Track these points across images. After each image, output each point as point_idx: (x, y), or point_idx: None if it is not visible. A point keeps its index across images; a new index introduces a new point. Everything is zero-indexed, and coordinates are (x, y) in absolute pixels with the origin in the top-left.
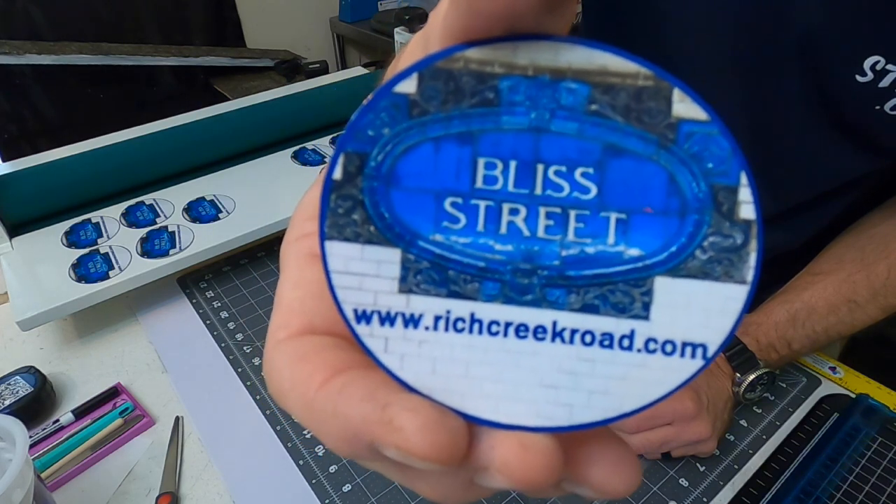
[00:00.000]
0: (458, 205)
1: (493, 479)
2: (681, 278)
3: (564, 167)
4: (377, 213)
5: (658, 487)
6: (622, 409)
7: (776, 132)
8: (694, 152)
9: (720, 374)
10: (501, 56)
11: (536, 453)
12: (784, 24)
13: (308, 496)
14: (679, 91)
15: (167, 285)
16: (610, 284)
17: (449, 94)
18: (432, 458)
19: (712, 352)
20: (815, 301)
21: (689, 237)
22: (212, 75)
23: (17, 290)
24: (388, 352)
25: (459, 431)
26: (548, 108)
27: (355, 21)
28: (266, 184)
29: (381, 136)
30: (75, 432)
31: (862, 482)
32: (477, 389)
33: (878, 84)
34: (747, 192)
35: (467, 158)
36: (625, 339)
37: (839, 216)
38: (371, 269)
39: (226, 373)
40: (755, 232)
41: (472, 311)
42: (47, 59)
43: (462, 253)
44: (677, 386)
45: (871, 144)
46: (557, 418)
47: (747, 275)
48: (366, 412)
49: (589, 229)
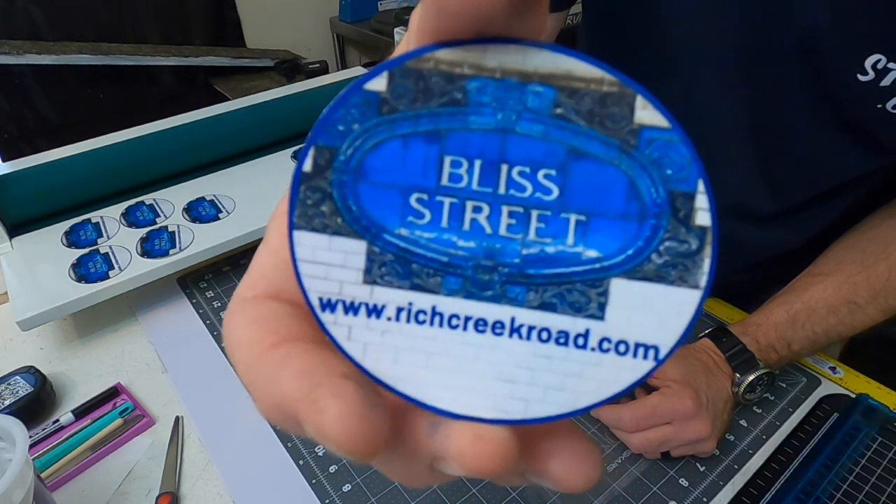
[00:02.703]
0: (423, 201)
1: (449, 468)
2: (636, 281)
3: (528, 168)
4: (345, 205)
5: (658, 487)
6: (576, 405)
7: (777, 130)
8: (654, 158)
9: (720, 373)
10: (470, 58)
11: (490, 444)
12: (786, 23)
13: (308, 496)
14: (642, 98)
15: (167, 285)
16: (568, 284)
17: (418, 92)
18: (344, 447)
19: (664, 353)
20: (815, 302)
21: (646, 241)
22: (212, 75)
23: (17, 290)
24: (352, 340)
25: (379, 429)
26: (514, 109)
27: (355, 21)
28: (266, 184)
29: (350, 131)
30: (75, 432)
31: (862, 482)
32: (436, 380)
33: (880, 83)
34: (704, 200)
35: (434, 156)
36: (580, 338)
37: (841, 216)
38: (337, 259)
39: (226, 373)
40: (710, 238)
41: (434, 305)
42: (47, 59)
43: (426, 247)
44: (629, 385)
45: (872, 143)
46: (513, 412)
47: (700, 280)
48: (298, 386)
49: (549, 229)
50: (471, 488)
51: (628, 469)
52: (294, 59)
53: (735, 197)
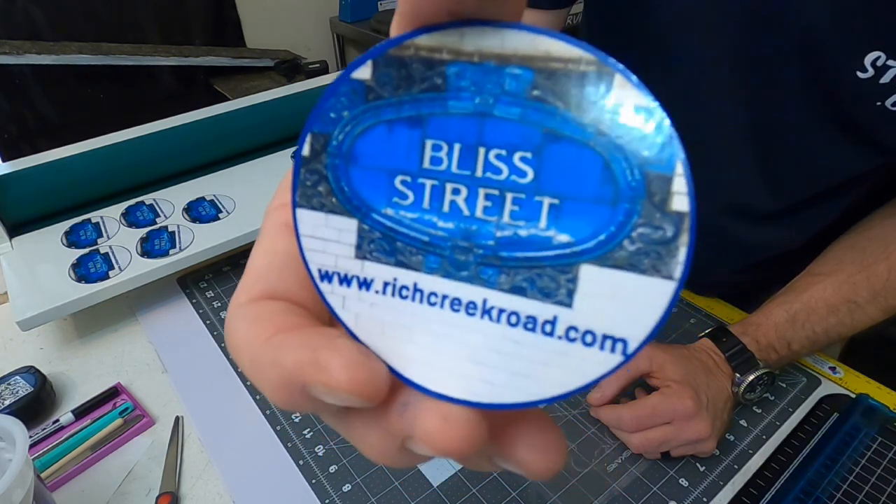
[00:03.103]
0: (407, 183)
1: (417, 447)
2: (607, 268)
3: (505, 151)
4: (338, 186)
5: (658, 487)
6: (541, 394)
7: (777, 129)
8: (631, 138)
9: (720, 373)
10: (449, 43)
11: (456, 426)
12: (785, 21)
13: (308, 496)
14: (621, 76)
15: (167, 285)
16: (538, 268)
17: (401, 80)
18: (353, 392)
19: (633, 348)
20: (815, 302)
21: (618, 226)
22: (212, 75)
23: (17, 290)
24: (345, 309)
25: (379, 373)
26: (492, 93)
27: (355, 21)
28: (266, 184)
29: (341, 118)
30: (75, 432)
31: (862, 482)
32: (416, 355)
33: (879, 80)
34: (682, 183)
35: (416, 140)
36: (547, 325)
37: (841, 215)
38: (333, 235)
39: (226, 373)
40: (687, 225)
41: (416, 282)
42: (47, 59)
43: (409, 227)
44: (594, 379)
45: (871, 141)
46: (480, 394)
47: (675, 270)
48: (299, 357)
49: (523, 212)
50: (471, 488)
51: (628, 469)
52: (294, 59)
53: (734, 196)
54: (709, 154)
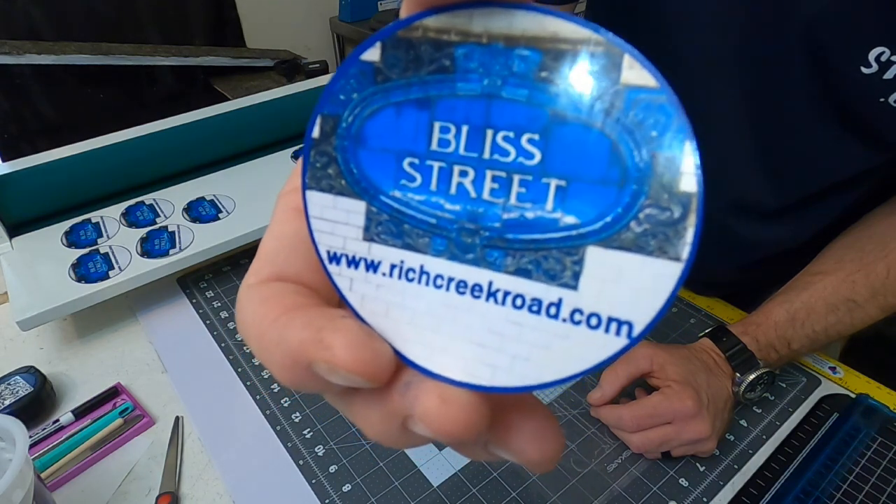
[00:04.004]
0: (415, 165)
1: (417, 427)
2: (613, 250)
3: (512, 133)
4: (347, 168)
5: (658, 487)
6: (541, 378)
7: (780, 125)
8: (639, 120)
9: (720, 373)
10: (457, 24)
11: (455, 408)
12: (788, 16)
13: (308, 496)
14: (629, 57)
15: (167, 285)
16: (544, 250)
17: (409, 61)
18: (356, 371)
19: (638, 331)
20: (815, 301)
21: (625, 207)
22: (212, 75)
23: (17, 290)
24: (353, 290)
25: (383, 352)
26: (500, 74)
27: (355, 21)
28: (266, 184)
29: (350, 100)
30: (75, 432)
31: (862, 482)
32: (418, 336)
33: (883, 76)
34: (691, 163)
35: (425, 122)
36: (552, 307)
37: (843, 213)
38: (342, 217)
39: (226, 373)
40: (695, 206)
41: (422, 264)
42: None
43: (417, 209)
44: (596, 364)
45: (875, 138)
46: (480, 377)
47: (682, 251)
48: (303, 336)
49: (530, 194)
50: (471, 488)
51: (628, 469)
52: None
53: (736, 192)
54: (712, 151)
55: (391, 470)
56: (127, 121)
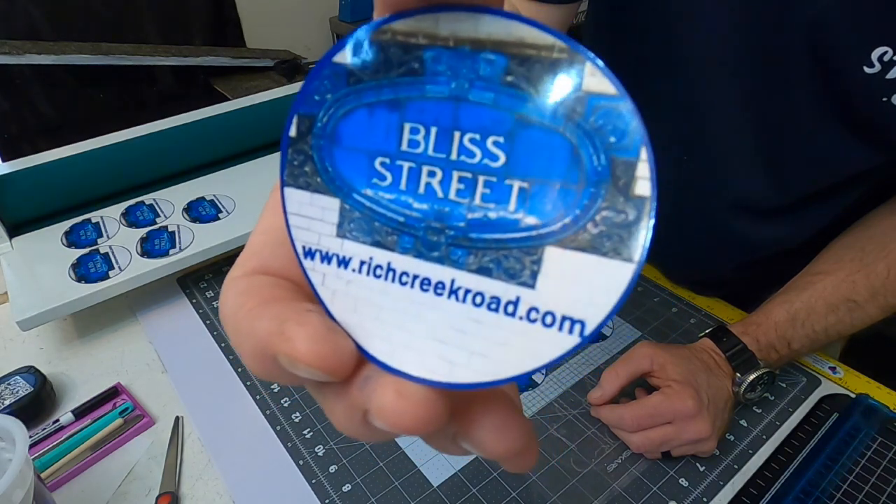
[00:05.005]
0: (386, 164)
1: (375, 422)
2: (570, 250)
3: (478, 135)
4: (323, 166)
5: (658, 487)
6: (497, 374)
7: (782, 124)
8: (598, 125)
9: (720, 373)
10: (424, 28)
11: (411, 403)
12: (791, 15)
13: (308, 496)
14: (591, 65)
15: (167, 285)
16: (505, 250)
17: (380, 64)
18: (314, 365)
19: (590, 329)
20: (815, 301)
21: (583, 209)
22: (212, 75)
23: (17, 290)
24: (325, 286)
25: (343, 347)
26: (467, 78)
27: (355, 21)
28: (266, 184)
29: (325, 100)
30: (75, 432)
31: (862, 482)
32: (382, 332)
33: (886, 75)
34: (645, 168)
35: (395, 123)
36: (510, 305)
37: (843, 213)
38: (317, 213)
39: (226, 373)
40: (649, 209)
41: (390, 261)
42: (47, 59)
43: (387, 208)
44: (550, 361)
45: (877, 137)
46: (439, 373)
47: (635, 253)
48: (269, 327)
49: (493, 195)
50: (471, 488)
51: (628, 469)
52: (294, 59)
53: (738, 191)
54: (714, 149)
55: (391, 470)
56: (127, 121)
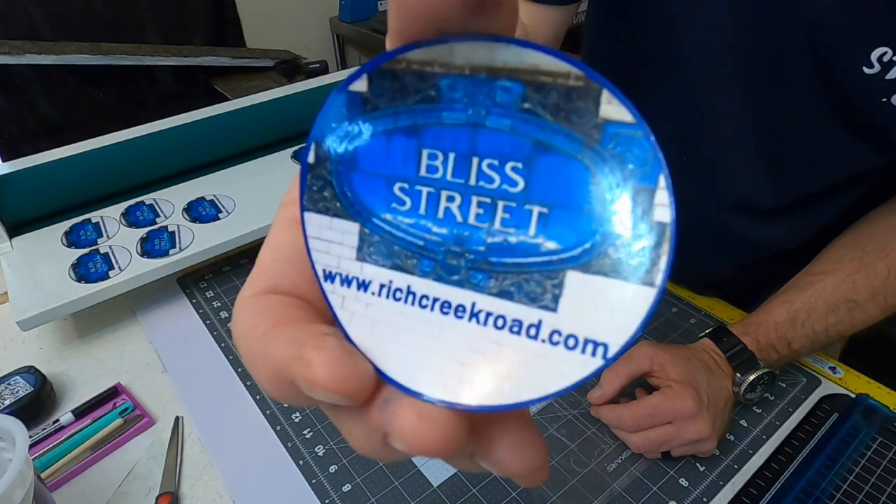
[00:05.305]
0: (405, 189)
1: (395, 443)
2: (591, 275)
3: (497, 161)
4: (342, 191)
5: (658, 487)
6: (520, 397)
7: (782, 124)
8: (617, 153)
9: (721, 373)
10: (440, 57)
11: (432, 425)
12: (791, 15)
13: (308, 496)
14: (608, 93)
15: (167, 285)
16: (526, 274)
17: (396, 91)
18: (333, 390)
19: (613, 352)
20: (815, 301)
21: (603, 235)
22: (212, 75)
23: (17, 290)
24: (343, 308)
25: (363, 371)
26: (484, 105)
27: (355, 21)
28: (266, 184)
29: (342, 127)
30: (75, 432)
31: (862, 482)
32: (400, 354)
33: (886, 76)
34: (664, 196)
35: (413, 149)
36: (532, 328)
37: (843, 213)
38: (337, 237)
39: (226, 373)
40: (669, 235)
41: (409, 284)
42: (47, 59)
43: (406, 232)
44: (574, 383)
45: (876, 138)
46: (460, 395)
47: (656, 278)
48: (287, 351)
49: (513, 220)
50: (471, 488)
51: (628, 469)
52: (294, 59)
53: (738, 191)
54: (714, 149)
55: (391, 470)
56: (127, 121)
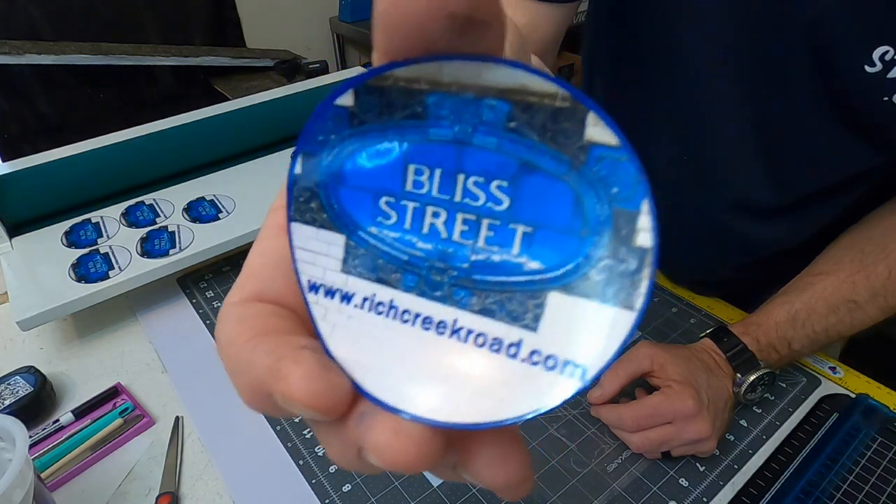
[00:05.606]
0: (391, 203)
1: (370, 458)
2: (572, 296)
3: (482, 178)
4: (328, 203)
5: (658, 487)
6: (498, 415)
7: (783, 124)
8: (602, 175)
9: (721, 373)
10: (427, 74)
11: (408, 441)
12: (792, 14)
13: (308, 496)
14: (593, 115)
15: (167, 285)
16: (508, 292)
17: (383, 107)
18: (307, 404)
19: (591, 375)
20: (815, 301)
21: (586, 257)
22: (212, 75)
23: (17, 290)
24: (326, 320)
25: (339, 386)
26: (470, 122)
27: (355, 21)
28: (266, 184)
29: (329, 140)
30: (75, 432)
31: (862, 482)
32: (381, 369)
33: (887, 75)
34: (647, 220)
35: (399, 164)
36: (512, 347)
37: (843, 213)
38: (323, 248)
39: (226, 373)
40: (650, 260)
41: (392, 298)
42: (47, 59)
43: (391, 246)
44: (553, 405)
45: (877, 137)
46: (437, 412)
47: (636, 302)
48: (266, 363)
49: (497, 238)
50: (471, 488)
51: (628, 469)
52: (294, 59)
53: (738, 191)
54: (714, 149)
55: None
56: (127, 121)
